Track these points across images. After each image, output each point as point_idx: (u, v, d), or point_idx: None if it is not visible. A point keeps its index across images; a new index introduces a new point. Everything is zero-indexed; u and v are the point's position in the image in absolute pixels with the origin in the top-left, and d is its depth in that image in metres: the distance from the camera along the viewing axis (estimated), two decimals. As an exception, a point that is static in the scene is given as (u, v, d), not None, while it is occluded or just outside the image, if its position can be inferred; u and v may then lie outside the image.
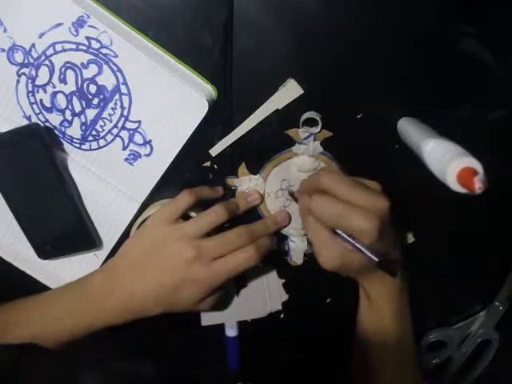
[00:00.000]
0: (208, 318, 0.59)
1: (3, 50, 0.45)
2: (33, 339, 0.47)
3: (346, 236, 0.44)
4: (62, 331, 0.47)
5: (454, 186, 0.34)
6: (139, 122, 0.47)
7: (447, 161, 0.35)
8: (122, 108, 0.47)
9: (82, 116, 0.47)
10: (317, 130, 0.50)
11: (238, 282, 0.58)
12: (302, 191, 0.51)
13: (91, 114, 0.47)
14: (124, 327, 0.48)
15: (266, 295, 0.59)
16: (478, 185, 0.33)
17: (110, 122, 0.48)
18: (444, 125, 0.43)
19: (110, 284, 0.48)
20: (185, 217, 0.50)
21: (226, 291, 0.51)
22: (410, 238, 0.58)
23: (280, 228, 0.55)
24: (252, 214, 0.54)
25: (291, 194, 0.54)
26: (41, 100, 0.47)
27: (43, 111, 0.48)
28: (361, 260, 0.44)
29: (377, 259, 0.41)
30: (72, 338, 0.48)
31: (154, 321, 0.49)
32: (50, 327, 0.47)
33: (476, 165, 0.34)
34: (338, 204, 0.43)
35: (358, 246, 0.43)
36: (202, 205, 0.50)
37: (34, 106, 0.47)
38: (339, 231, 0.44)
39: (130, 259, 0.49)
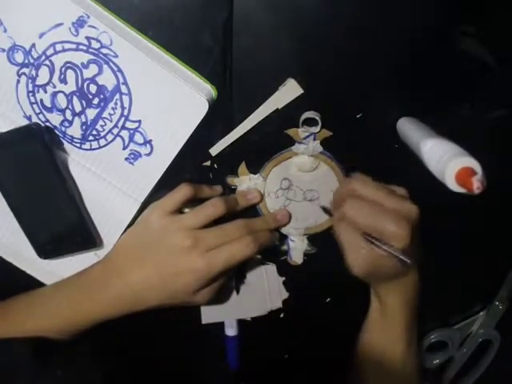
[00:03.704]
0: (208, 316, 0.59)
1: (3, 50, 0.45)
2: (34, 328, 0.47)
3: (376, 240, 0.44)
4: (62, 320, 0.47)
5: (453, 186, 0.35)
6: (139, 121, 0.47)
7: (446, 161, 0.35)
8: (123, 108, 0.47)
9: (83, 116, 0.48)
10: (316, 129, 0.50)
11: (237, 279, 0.58)
12: (335, 203, 0.51)
13: (91, 113, 0.47)
14: (123, 327, 0.48)
15: (266, 293, 0.59)
16: (477, 185, 0.33)
17: (111, 121, 0.48)
18: (444, 125, 0.43)
19: (107, 274, 0.48)
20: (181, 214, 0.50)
21: (223, 285, 0.51)
22: None
23: (280, 226, 0.55)
24: (252, 214, 0.54)
25: (324, 209, 0.54)
26: (41, 100, 0.47)
27: (43, 111, 0.48)
28: (389, 266, 0.45)
29: (408, 261, 0.42)
30: (73, 329, 0.48)
31: (153, 320, 0.49)
32: (51, 316, 0.47)
33: (474, 165, 0.34)
34: (372, 207, 0.45)
35: (389, 249, 0.43)
36: (198, 203, 0.50)
37: (35, 105, 0.47)
38: (369, 237, 0.45)
39: (127, 249, 0.49)
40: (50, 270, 0.54)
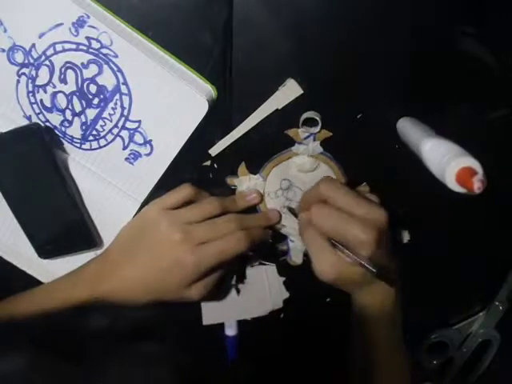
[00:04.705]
0: (209, 317, 0.59)
1: (3, 50, 0.45)
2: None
3: (343, 247, 0.44)
4: None
5: (453, 185, 0.34)
6: (139, 121, 0.47)
7: (446, 161, 0.34)
8: (123, 108, 0.47)
9: (83, 116, 0.48)
10: (316, 129, 0.50)
11: (238, 279, 0.58)
12: (302, 205, 0.51)
13: (91, 113, 0.47)
14: (123, 327, 0.48)
15: (266, 293, 0.59)
16: (477, 185, 0.33)
17: (111, 121, 0.48)
18: (444, 125, 0.43)
19: (102, 269, 0.48)
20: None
21: (219, 280, 0.51)
22: (406, 237, 0.58)
23: (270, 224, 0.55)
24: (251, 213, 0.54)
25: (290, 210, 0.54)
26: (41, 100, 0.47)
27: (43, 111, 0.48)
28: (357, 273, 0.45)
29: (374, 270, 0.42)
30: None
31: (153, 319, 0.49)
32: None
33: (475, 164, 0.34)
34: (338, 213, 0.44)
35: (355, 257, 0.43)
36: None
37: (35, 105, 0.47)
38: (336, 243, 0.45)
39: (121, 244, 0.49)
40: (50, 270, 0.54)
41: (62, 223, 0.50)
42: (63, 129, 0.48)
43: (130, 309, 0.48)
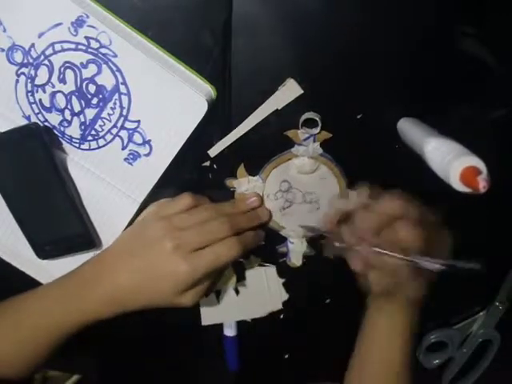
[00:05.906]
0: (208, 318, 0.59)
1: (3, 50, 0.45)
2: (28, 328, 0.47)
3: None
4: (54, 319, 0.47)
5: (458, 185, 0.34)
6: (138, 121, 0.47)
7: (450, 160, 0.34)
8: (122, 108, 0.47)
9: (82, 116, 0.47)
10: (316, 130, 0.50)
11: (237, 280, 0.58)
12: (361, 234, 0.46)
13: (90, 113, 0.47)
14: (123, 327, 0.48)
15: (266, 294, 0.59)
16: (482, 184, 0.33)
17: (110, 121, 0.47)
18: (444, 125, 0.43)
19: (96, 273, 0.48)
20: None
21: (211, 286, 0.50)
22: None
23: (263, 224, 0.55)
24: (251, 214, 0.54)
25: (310, 229, 0.54)
26: (40, 100, 0.47)
27: (42, 111, 0.47)
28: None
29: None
30: (64, 331, 0.48)
31: (152, 320, 0.49)
32: (45, 316, 0.47)
33: (479, 164, 0.34)
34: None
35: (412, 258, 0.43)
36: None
37: (34, 105, 0.47)
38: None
39: (116, 248, 0.49)
40: (49, 271, 0.54)
41: (60, 224, 0.50)
42: (62, 129, 0.48)
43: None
